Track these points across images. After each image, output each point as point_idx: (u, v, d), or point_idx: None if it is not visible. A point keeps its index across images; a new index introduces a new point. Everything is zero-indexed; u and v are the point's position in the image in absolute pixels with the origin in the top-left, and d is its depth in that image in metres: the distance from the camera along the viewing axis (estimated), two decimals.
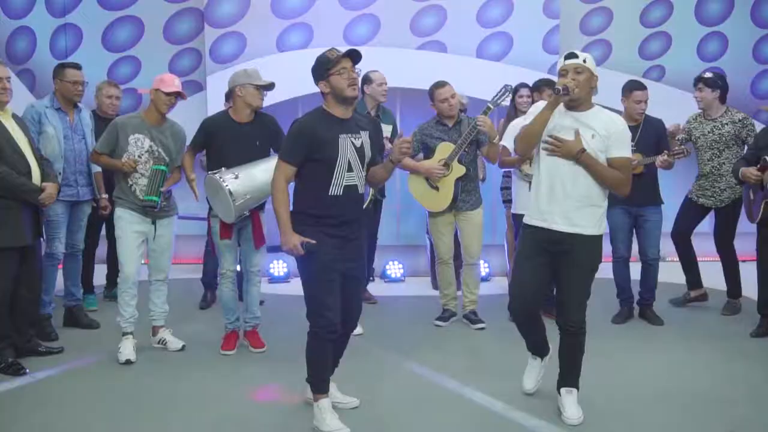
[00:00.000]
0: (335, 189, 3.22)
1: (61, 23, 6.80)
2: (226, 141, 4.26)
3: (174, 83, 4.30)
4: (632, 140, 4.81)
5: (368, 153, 3.33)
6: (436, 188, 4.94)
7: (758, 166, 4.56)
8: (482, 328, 5.00)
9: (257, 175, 4.13)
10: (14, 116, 4.18)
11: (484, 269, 6.41)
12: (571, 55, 3.30)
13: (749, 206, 4.78)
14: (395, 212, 6.77)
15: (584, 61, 3.28)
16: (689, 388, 3.90)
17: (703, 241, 5.65)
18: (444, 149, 4.88)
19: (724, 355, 4.43)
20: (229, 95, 5.47)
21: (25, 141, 4.12)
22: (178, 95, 4.31)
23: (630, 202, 4.85)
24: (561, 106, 3.31)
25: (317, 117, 3.27)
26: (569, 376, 3.43)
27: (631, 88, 4.95)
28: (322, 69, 3.23)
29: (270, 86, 4.33)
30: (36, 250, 4.26)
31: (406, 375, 4.01)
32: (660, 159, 4.79)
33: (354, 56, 3.23)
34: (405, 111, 6.66)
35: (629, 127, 4.77)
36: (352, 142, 3.25)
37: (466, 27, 6.63)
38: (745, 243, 5.29)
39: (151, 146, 4.29)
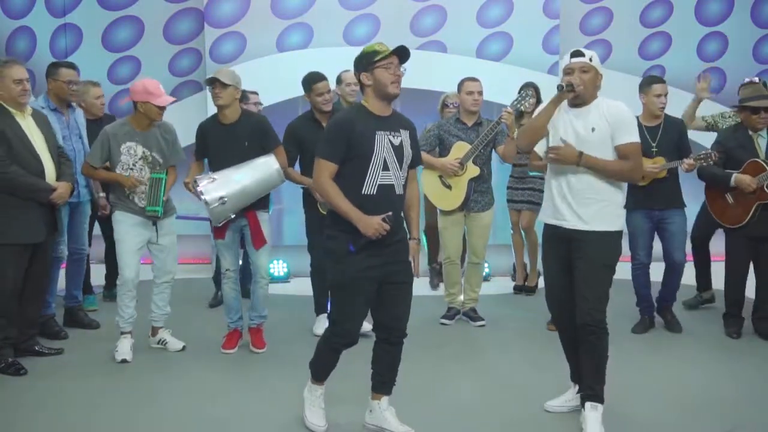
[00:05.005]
0: (369, 188, 3.07)
1: (61, 23, 6.80)
2: (216, 143, 4.28)
3: (163, 95, 4.21)
4: (653, 142, 4.65)
5: (408, 152, 3.19)
6: (449, 187, 4.94)
7: (742, 169, 4.55)
8: (482, 325, 5.03)
9: (237, 177, 4.14)
10: (35, 114, 4.19)
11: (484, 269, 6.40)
12: (577, 53, 3.27)
13: (724, 209, 4.69)
14: None
15: (590, 59, 3.26)
16: (689, 387, 3.90)
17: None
18: (460, 148, 4.88)
19: (723, 354, 4.43)
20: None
21: (42, 140, 4.13)
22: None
23: (652, 206, 4.69)
24: (564, 104, 3.30)
25: (355, 112, 3.17)
26: (593, 384, 3.27)
27: (650, 82, 4.73)
28: (368, 60, 3.07)
29: (214, 81, 4.25)
30: (46, 249, 4.25)
31: (407, 375, 4.00)
32: (687, 162, 4.56)
33: (402, 54, 3.10)
34: (405, 111, 6.58)
35: (649, 127, 4.68)
36: (390, 140, 3.11)
37: (466, 27, 6.63)
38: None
39: (144, 152, 4.26)
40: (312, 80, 4.60)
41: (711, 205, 4.83)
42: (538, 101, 5.72)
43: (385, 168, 3.09)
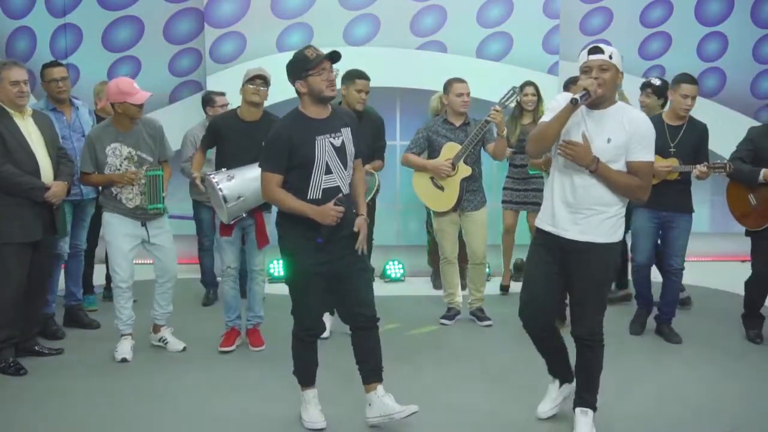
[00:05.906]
0: (314, 192, 3.18)
1: (61, 23, 6.79)
2: (233, 140, 4.29)
3: (138, 93, 4.16)
4: (672, 142, 4.48)
5: (351, 150, 3.25)
6: (441, 188, 4.94)
7: None
8: (489, 325, 5.03)
9: (254, 177, 4.12)
10: (36, 115, 4.22)
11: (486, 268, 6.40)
12: (596, 50, 3.04)
13: (746, 211, 4.61)
14: (396, 212, 6.77)
15: (610, 56, 3.03)
16: (689, 387, 3.91)
17: (700, 240, 5.58)
18: (450, 149, 4.88)
19: (723, 354, 4.43)
20: (207, 103, 5.56)
21: (41, 140, 4.14)
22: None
23: (659, 207, 4.50)
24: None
25: (291, 121, 3.21)
26: (585, 394, 3.27)
27: (680, 80, 4.49)
28: (301, 68, 3.12)
29: (260, 78, 4.30)
30: (46, 248, 4.25)
31: (408, 376, 4.01)
32: (699, 169, 4.39)
33: (333, 57, 3.14)
34: (405, 111, 6.66)
35: (672, 126, 4.52)
36: (330, 142, 3.17)
37: (466, 27, 6.63)
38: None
39: (129, 152, 4.23)
40: (356, 75, 4.61)
41: (732, 207, 4.71)
42: (539, 100, 5.75)
43: (328, 171, 3.19)
